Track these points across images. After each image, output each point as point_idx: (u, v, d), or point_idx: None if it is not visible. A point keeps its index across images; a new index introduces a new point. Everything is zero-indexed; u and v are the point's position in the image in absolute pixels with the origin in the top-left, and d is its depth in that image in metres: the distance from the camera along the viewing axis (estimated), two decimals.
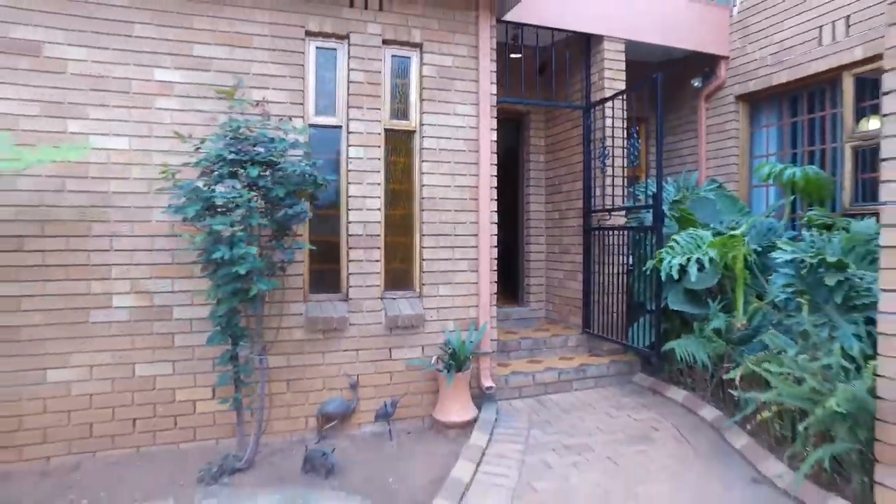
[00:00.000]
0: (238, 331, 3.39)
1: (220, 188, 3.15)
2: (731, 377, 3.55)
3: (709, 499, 3.05)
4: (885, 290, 2.52)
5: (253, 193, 3.13)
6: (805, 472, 2.84)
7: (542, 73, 5.77)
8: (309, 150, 3.67)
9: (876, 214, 3.70)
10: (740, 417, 3.58)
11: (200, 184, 3.17)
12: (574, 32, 5.35)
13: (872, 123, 4.76)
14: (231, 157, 3.03)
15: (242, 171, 3.09)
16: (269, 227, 3.35)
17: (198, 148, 3.36)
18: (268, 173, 3.21)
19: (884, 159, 2.57)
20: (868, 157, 4.84)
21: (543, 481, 3.26)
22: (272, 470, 3.44)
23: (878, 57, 4.32)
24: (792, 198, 4.97)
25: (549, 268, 6.44)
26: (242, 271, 2.92)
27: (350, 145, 4.07)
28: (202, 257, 3.22)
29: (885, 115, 2.58)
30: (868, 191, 4.86)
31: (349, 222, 4.07)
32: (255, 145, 3.20)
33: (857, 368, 3.03)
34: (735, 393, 3.59)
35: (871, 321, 3.12)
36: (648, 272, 4.54)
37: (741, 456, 3.49)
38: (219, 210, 3.07)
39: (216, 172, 3.12)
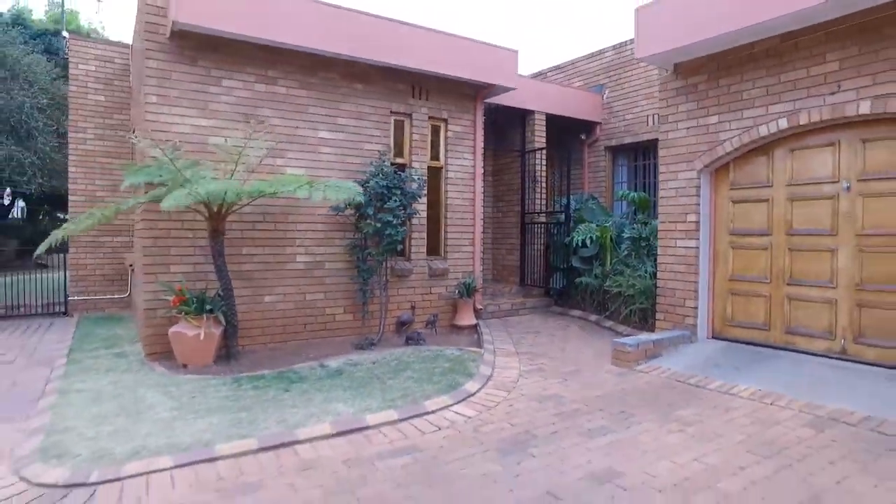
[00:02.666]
0: (367, 274, 6.60)
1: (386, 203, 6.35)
2: (609, 287, 7.41)
3: (595, 344, 6.84)
4: (660, 247, 6.47)
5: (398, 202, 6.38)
6: (623, 318, 6.76)
7: (496, 129, 9.42)
8: (423, 181, 6.94)
9: None
10: (605, 315, 7.49)
11: (366, 199, 6.33)
12: (519, 108, 9.07)
13: None
14: (384, 186, 6.25)
15: (399, 191, 6.32)
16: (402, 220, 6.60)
17: (365, 182, 6.48)
18: (399, 192, 6.47)
19: (662, 197, 6.53)
20: None
21: (522, 344, 6.85)
22: (388, 344, 6.67)
23: None
24: (633, 208, 9.10)
25: (494, 247, 10.13)
26: (399, 238, 6.18)
27: None
28: (375, 228, 6.39)
29: (662, 167, 6.53)
30: None
31: None
32: (392, 180, 6.44)
33: (650, 276, 7.00)
34: (609, 305, 7.50)
35: (655, 260, 7.11)
36: (562, 245, 8.39)
37: (608, 329, 7.39)
38: (385, 208, 6.27)
39: (379, 192, 6.32)
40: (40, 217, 19.87)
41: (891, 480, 3.10)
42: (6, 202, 18.88)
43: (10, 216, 19.39)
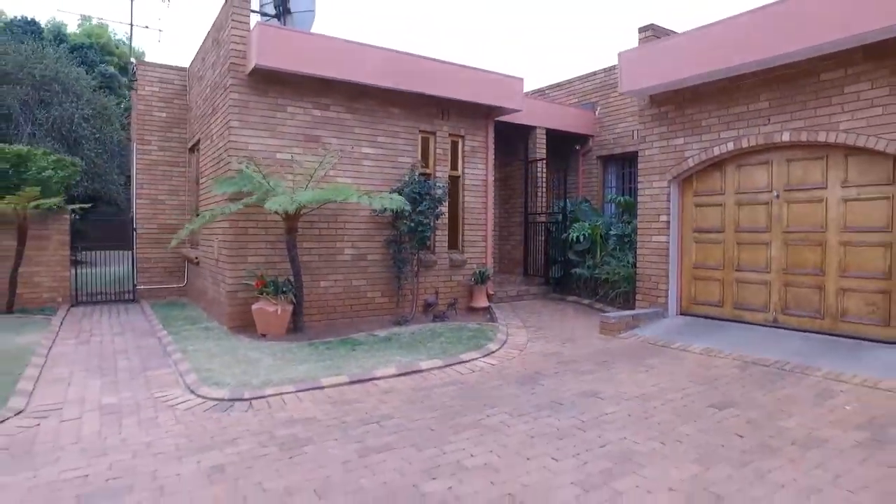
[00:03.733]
0: (401, 264, 8.13)
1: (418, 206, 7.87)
2: (596, 276, 8.98)
3: (587, 321, 8.38)
4: (639, 242, 8.03)
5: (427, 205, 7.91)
6: (610, 300, 8.32)
7: (503, 142, 10.96)
8: (446, 188, 8.47)
9: None
10: (595, 299, 9.04)
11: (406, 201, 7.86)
12: (523, 125, 10.61)
13: None
14: (417, 192, 7.79)
15: (427, 196, 7.86)
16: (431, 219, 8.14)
17: (401, 190, 8.01)
18: (428, 197, 8.01)
19: (640, 201, 8.08)
20: None
21: (528, 321, 8.38)
22: (419, 321, 8.19)
23: None
24: (620, 209, 10.65)
25: (501, 243, 11.68)
26: (428, 234, 7.72)
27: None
28: (409, 227, 7.92)
29: (640, 177, 8.09)
30: None
31: None
32: (422, 187, 7.97)
33: (631, 265, 8.54)
34: (599, 291, 9.06)
35: (635, 252, 8.65)
36: (560, 241, 9.94)
37: (598, 310, 8.93)
38: (418, 211, 7.81)
39: (412, 197, 7.85)
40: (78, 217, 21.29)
41: (777, 391, 4.66)
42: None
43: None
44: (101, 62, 19.87)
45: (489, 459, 3.42)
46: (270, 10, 8.44)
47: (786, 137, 6.27)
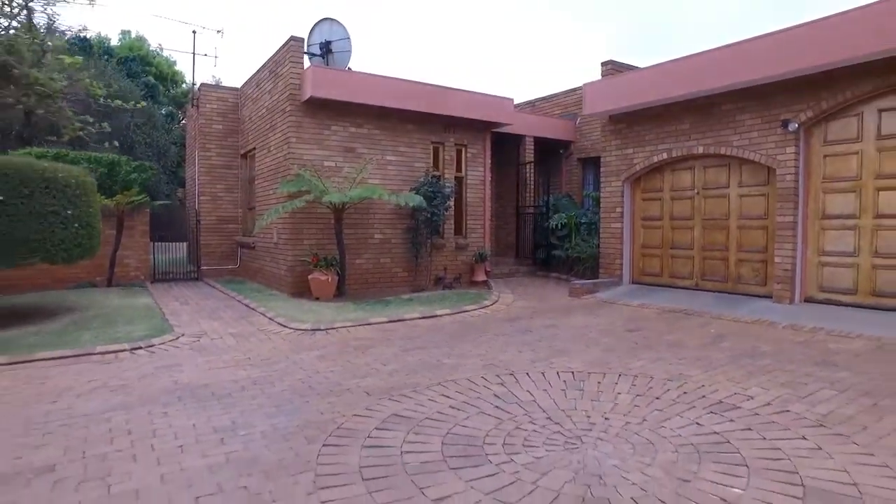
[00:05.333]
0: (418, 246, 10.52)
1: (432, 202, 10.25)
2: (570, 254, 11.34)
3: (561, 290, 10.73)
4: (601, 228, 10.39)
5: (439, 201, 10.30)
6: (580, 273, 10.70)
7: (499, 148, 13.31)
8: (453, 188, 10.86)
9: None
10: (570, 274, 11.41)
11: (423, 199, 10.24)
12: (515, 135, 12.97)
13: None
14: (431, 191, 10.17)
15: (439, 194, 10.24)
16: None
17: (418, 189, 10.40)
18: (440, 194, 10.39)
19: (603, 197, 10.44)
20: None
21: (517, 290, 10.76)
22: (432, 290, 10.59)
23: None
24: (593, 203, 12.99)
25: (497, 230, 14.06)
26: (440, 223, 10.10)
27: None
28: (425, 217, 10.32)
29: (602, 178, 10.44)
30: None
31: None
32: (435, 187, 10.35)
33: (595, 246, 10.90)
34: (574, 268, 11.43)
35: (599, 236, 10.98)
36: (544, 229, 12.31)
37: (569, 282, 11.30)
38: (433, 205, 10.19)
39: (427, 195, 10.23)
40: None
41: (674, 324, 7.03)
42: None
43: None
44: (142, 73, 22.27)
45: (480, 352, 5.82)
46: (316, 50, 10.76)
47: (700, 150, 8.61)
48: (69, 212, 7.30)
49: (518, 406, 4.09)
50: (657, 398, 4.23)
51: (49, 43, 10.69)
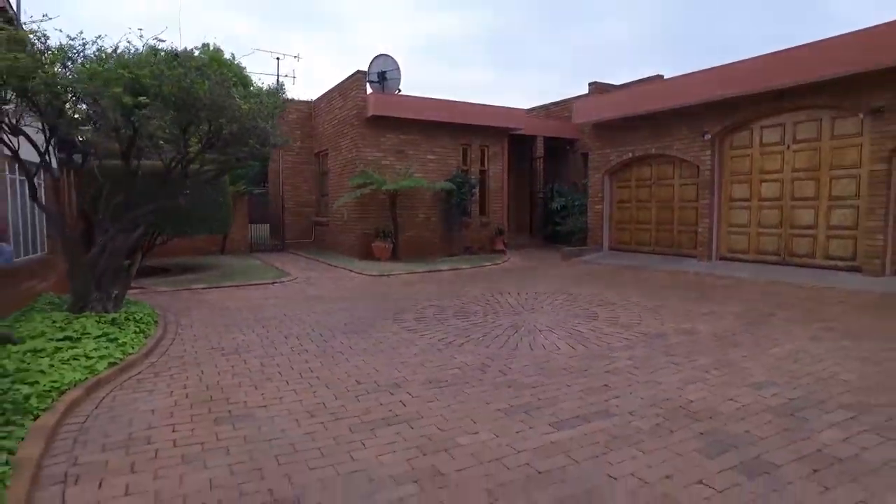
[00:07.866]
0: (450, 223, 14.12)
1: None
2: (568, 229, 14.72)
3: (556, 257, 14.13)
4: (589, 209, 13.72)
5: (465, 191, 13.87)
6: (573, 243, 14.08)
7: (515, 147, 16.72)
8: (478, 179, 14.42)
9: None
10: (568, 245, 14.79)
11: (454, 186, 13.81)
12: (526, 135, 16.33)
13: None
14: (460, 182, 13.73)
15: (467, 184, 13.81)
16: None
17: (451, 180, 13.99)
18: (468, 184, 13.94)
19: (590, 185, 13.75)
20: None
21: (525, 256, 14.23)
22: (461, 256, 14.20)
23: None
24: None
25: (515, 211, 17.50)
26: (467, 205, 13.67)
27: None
28: (456, 202, 13.93)
29: (589, 171, 13.74)
30: None
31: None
32: (464, 178, 13.91)
33: (584, 223, 14.22)
34: (570, 241, 14.81)
35: (587, 214, 14.27)
36: (551, 210, 15.69)
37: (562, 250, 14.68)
38: (461, 192, 13.77)
39: (458, 184, 13.81)
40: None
41: (625, 273, 10.40)
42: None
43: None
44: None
45: (486, 284, 9.40)
46: (374, 78, 14.35)
47: (654, 151, 11.83)
48: (221, 199, 11.23)
49: (497, 304, 7.67)
50: (574, 301, 7.73)
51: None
